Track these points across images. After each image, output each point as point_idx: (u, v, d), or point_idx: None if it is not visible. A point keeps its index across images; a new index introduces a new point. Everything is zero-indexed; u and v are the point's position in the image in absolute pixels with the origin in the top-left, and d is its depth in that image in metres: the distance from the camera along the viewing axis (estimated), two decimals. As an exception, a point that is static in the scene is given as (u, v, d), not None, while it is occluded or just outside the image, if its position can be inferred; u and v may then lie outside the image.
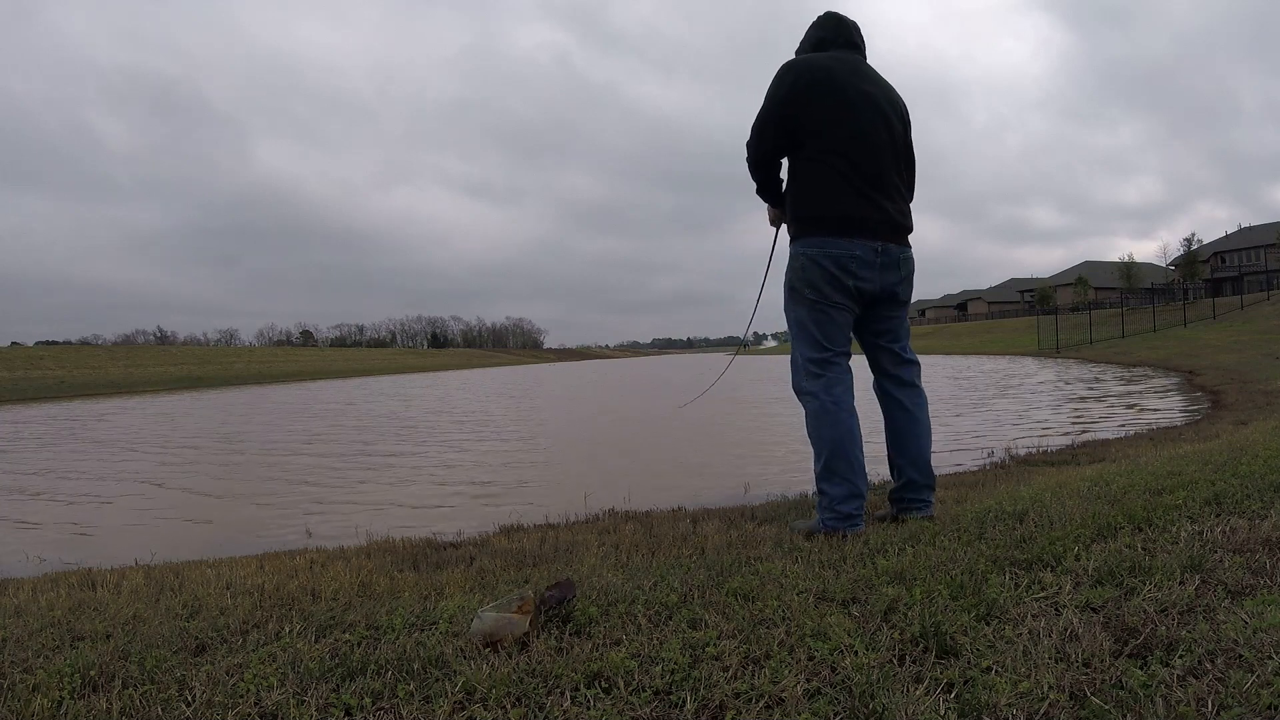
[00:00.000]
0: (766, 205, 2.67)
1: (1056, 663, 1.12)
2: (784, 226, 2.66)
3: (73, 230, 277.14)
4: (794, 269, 2.45)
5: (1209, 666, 1.06)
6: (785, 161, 2.54)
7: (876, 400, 2.60)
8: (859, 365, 2.49)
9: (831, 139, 2.37)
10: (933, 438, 2.58)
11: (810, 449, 2.44)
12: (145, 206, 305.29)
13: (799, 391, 2.48)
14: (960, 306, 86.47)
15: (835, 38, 2.53)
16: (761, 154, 2.49)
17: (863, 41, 2.58)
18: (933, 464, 2.54)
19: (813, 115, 2.37)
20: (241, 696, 1.24)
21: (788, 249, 2.53)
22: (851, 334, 2.52)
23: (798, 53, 2.59)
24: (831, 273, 2.37)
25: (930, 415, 2.58)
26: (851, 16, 2.61)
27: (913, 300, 2.66)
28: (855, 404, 2.43)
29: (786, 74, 2.42)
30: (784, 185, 2.58)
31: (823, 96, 2.37)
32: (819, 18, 2.59)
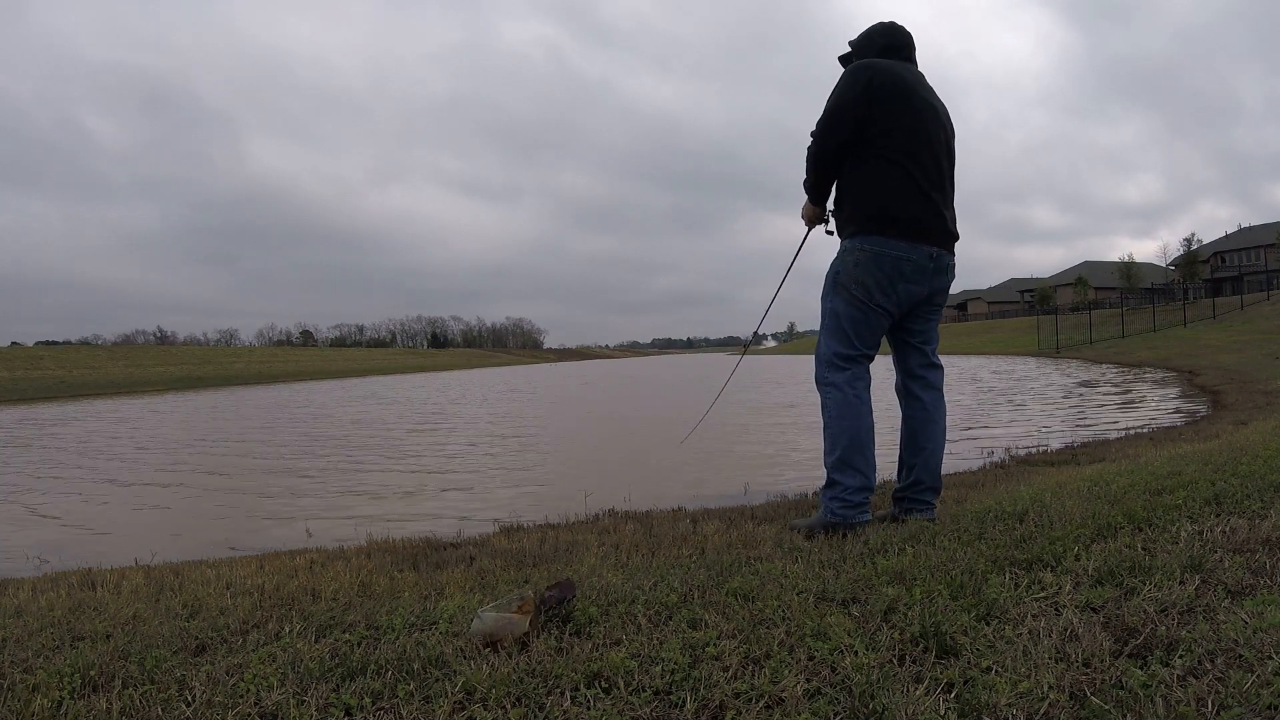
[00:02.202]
0: (805, 202, 2.66)
1: (1056, 663, 1.12)
2: (819, 226, 2.68)
3: (69, 229, 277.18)
4: (847, 263, 2.46)
5: (1209, 666, 1.06)
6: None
7: (897, 399, 2.63)
8: (877, 365, 2.50)
9: (901, 142, 2.40)
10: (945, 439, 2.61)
11: (820, 441, 2.47)
12: (141, 205, 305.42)
13: (821, 382, 2.50)
14: (960, 306, 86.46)
15: (902, 48, 2.57)
16: (830, 147, 2.47)
17: (915, 56, 2.62)
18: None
19: (884, 117, 2.40)
20: (241, 696, 1.24)
21: (840, 243, 2.53)
22: (883, 336, 2.54)
23: (857, 51, 2.61)
24: (886, 275, 2.40)
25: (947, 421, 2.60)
26: (842, 15, 2.63)
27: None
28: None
29: (862, 72, 2.43)
30: (834, 183, 2.58)
31: (895, 100, 2.40)
32: (885, 25, 2.61)
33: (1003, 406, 10.41)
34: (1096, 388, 13.39)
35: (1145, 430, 6.77)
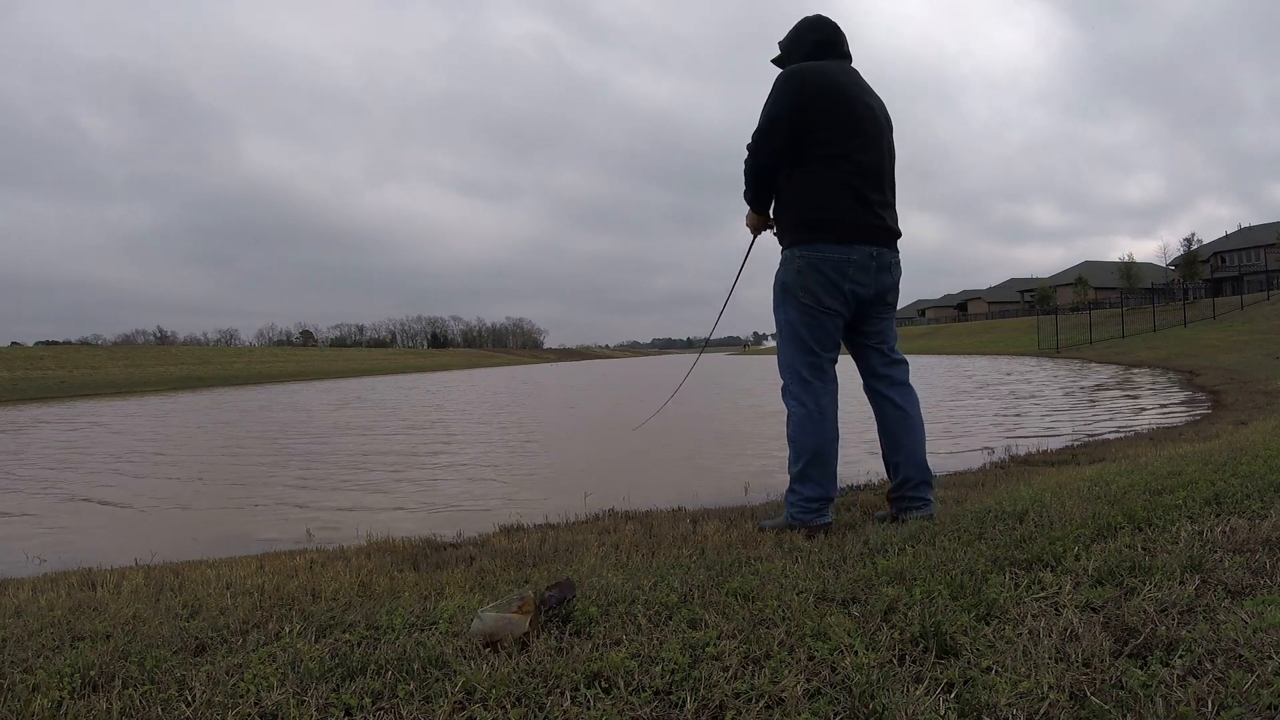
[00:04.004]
0: (748, 211, 2.67)
1: (1056, 663, 1.12)
2: (766, 232, 2.67)
3: (66, 229, 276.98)
4: (790, 272, 2.46)
5: (1209, 666, 1.06)
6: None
7: (867, 401, 2.63)
8: (845, 367, 2.51)
9: (837, 146, 2.39)
10: (936, 437, 2.61)
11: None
12: (137, 204, 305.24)
13: (785, 394, 2.52)
14: (960, 306, 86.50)
15: (835, 44, 2.54)
16: (766, 157, 2.47)
17: (849, 50, 2.58)
18: (934, 464, 2.56)
19: (821, 122, 2.38)
20: (241, 696, 1.24)
21: (781, 251, 2.54)
22: (841, 338, 2.54)
23: (787, 53, 2.58)
24: (830, 278, 2.39)
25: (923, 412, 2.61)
26: (841, 13, 2.60)
27: (913, 300, 2.68)
28: (840, 410, 2.49)
29: (793, 78, 2.41)
30: (774, 191, 2.58)
31: (830, 104, 2.38)
32: (812, 20, 2.56)
33: (1007, 408, 10.41)
34: (1096, 389, 13.39)
35: (1145, 430, 6.77)
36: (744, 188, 2.58)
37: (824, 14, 2.57)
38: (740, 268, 2.91)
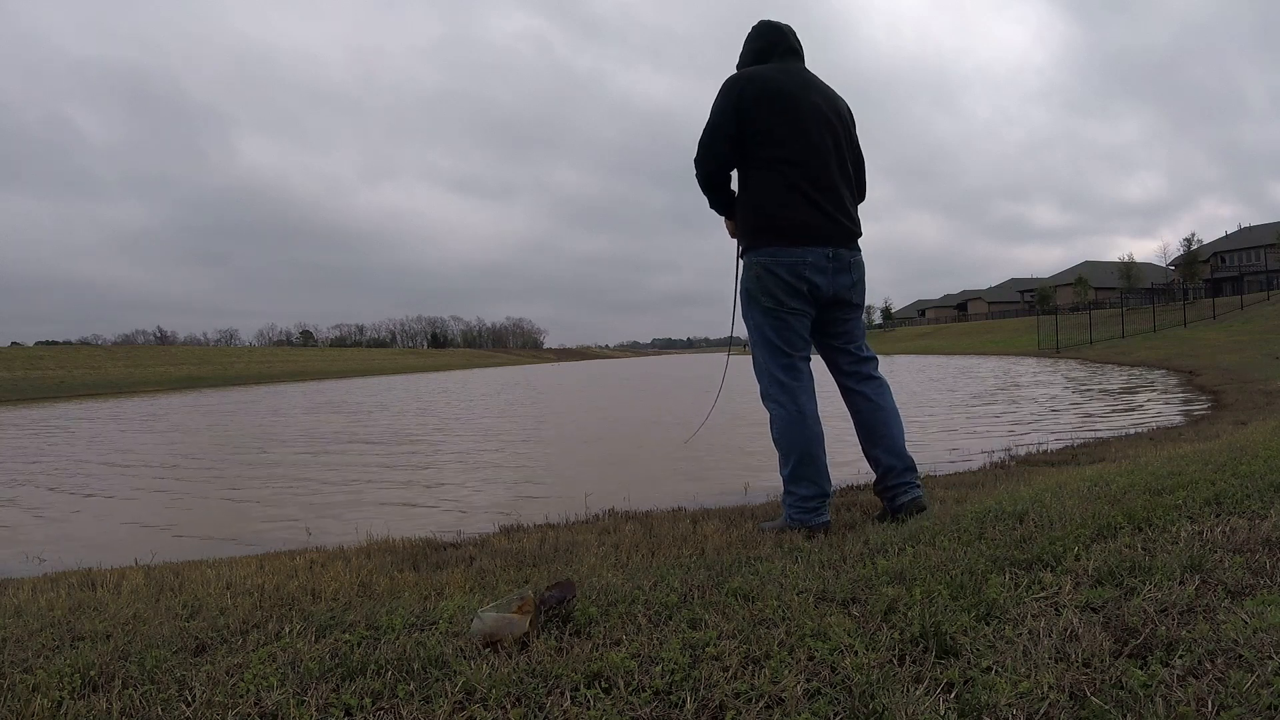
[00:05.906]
0: (724, 219, 2.69)
1: (1056, 663, 1.12)
2: None
3: (62, 228, 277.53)
4: (750, 278, 2.49)
5: (1209, 666, 1.06)
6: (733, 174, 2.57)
7: (841, 399, 2.64)
8: (818, 367, 2.52)
9: (781, 149, 2.39)
10: (939, 435, 2.63)
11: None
12: (132, 203, 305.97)
13: (765, 398, 2.53)
14: (960, 306, 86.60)
15: (777, 45, 2.54)
16: (711, 169, 2.50)
17: (800, 46, 2.59)
18: (936, 465, 2.57)
19: (762, 127, 2.39)
20: (241, 696, 1.24)
21: (740, 258, 2.58)
22: (810, 336, 2.55)
23: (739, 66, 2.59)
24: (787, 280, 2.41)
25: (897, 403, 2.63)
26: (840, 12, 2.62)
27: (913, 300, 2.70)
28: (820, 408, 2.50)
29: (733, 87, 2.42)
30: (734, 197, 2.60)
31: (771, 108, 2.38)
32: (756, 28, 2.59)
33: (1006, 408, 10.41)
34: (1096, 388, 13.39)
35: (1145, 430, 6.76)
36: (706, 199, 2.61)
37: (771, 18, 2.60)
38: (736, 273, 2.94)
